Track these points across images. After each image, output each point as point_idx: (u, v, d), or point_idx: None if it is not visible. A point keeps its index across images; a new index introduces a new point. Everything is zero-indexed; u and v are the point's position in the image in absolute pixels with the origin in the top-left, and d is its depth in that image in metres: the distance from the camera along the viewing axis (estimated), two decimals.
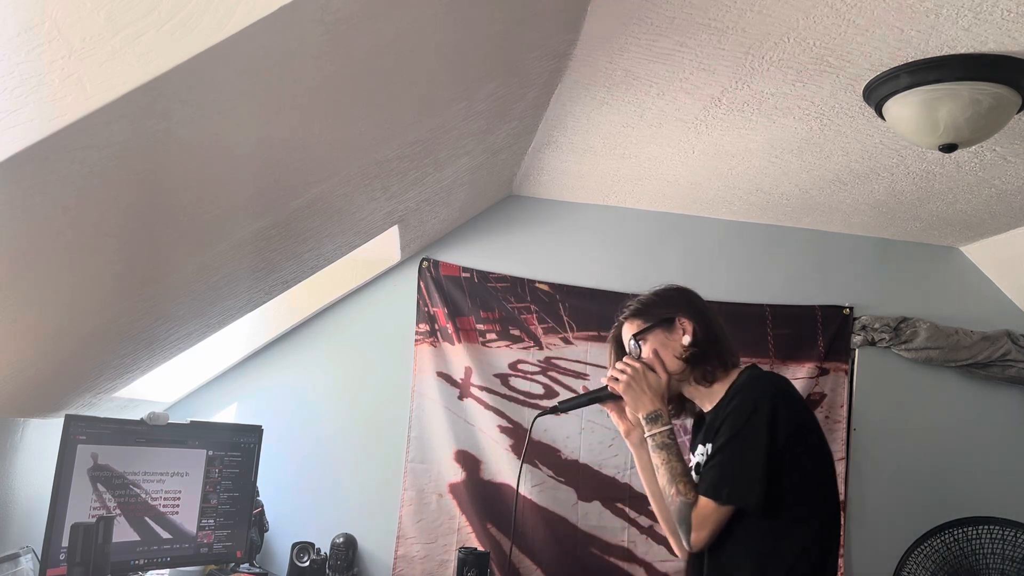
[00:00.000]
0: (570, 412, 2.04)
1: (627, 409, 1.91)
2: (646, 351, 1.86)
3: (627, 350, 1.91)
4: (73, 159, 1.11)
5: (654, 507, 1.97)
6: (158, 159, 1.28)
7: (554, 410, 1.99)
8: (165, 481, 2.34)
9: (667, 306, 1.89)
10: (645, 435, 1.81)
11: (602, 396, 1.91)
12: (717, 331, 1.86)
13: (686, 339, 1.83)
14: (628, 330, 1.92)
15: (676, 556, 1.96)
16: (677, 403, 1.92)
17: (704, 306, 1.91)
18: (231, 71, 1.13)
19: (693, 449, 1.92)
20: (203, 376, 2.93)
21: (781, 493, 1.67)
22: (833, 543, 1.74)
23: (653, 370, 1.83)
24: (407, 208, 2.49)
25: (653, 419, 1.80)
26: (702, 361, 1.82)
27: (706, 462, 1.77)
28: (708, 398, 1.85)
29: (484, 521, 2.99)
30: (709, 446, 1.80)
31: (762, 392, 1.73)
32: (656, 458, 1.78)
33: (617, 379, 1.84)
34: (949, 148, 2.01)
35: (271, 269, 2.25)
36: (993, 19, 1.69)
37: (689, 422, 2.01)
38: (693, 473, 1.83)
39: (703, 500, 1.69)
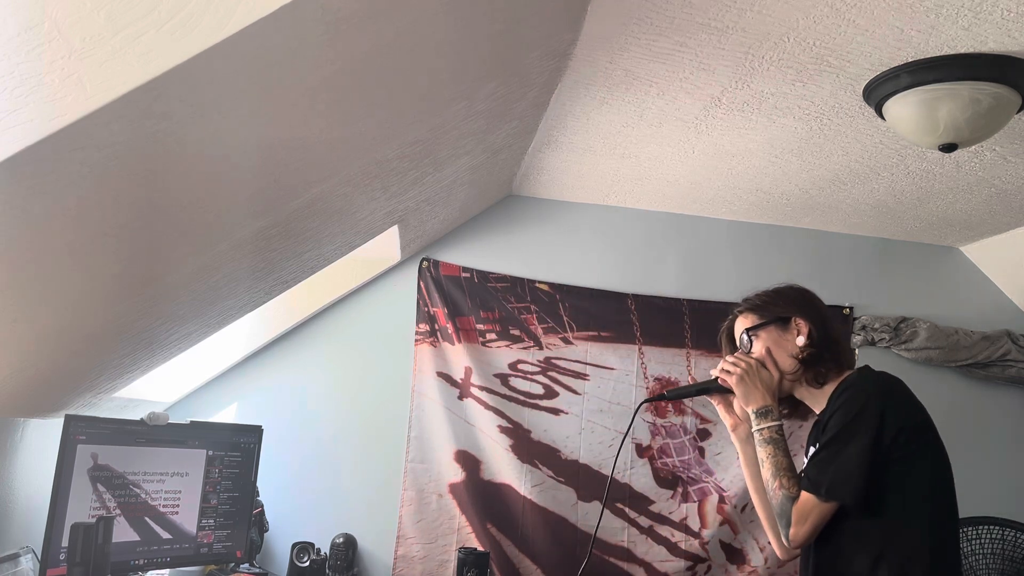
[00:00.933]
0: (670, 401, 2.03)
1: (735, 403, 1.90)
2: (758, 347, 1.84)
3: (738, 345, 1.89)
4: (73, 159, 1.11)
5: (757, 505, 1.95)
6: (158, 159, 1.28)
7: (662, 397, 1.98)
8: (165, 481, 2.34)
9: (784, 305, 1.87)
10: (753, 429, 1.78)
11: (711, 388, 1.90)
12: (833, 334, 1.84)
13: (800, 339, 1.81)
14: (741, 324, 1.90)
15: (779, 556, 1.93)
16: (788, 405, 1.89)
17: (822, 308, 1.88)
18: (231, 71, 1.13)
19: (806, 452, 1.89)
20: (203, 376, 2.93)
21: (886, 492, 1.64)
22: (949, 548, 1.70)
23: (765, 367, 1.81)
24: (407, 208, 2.49)
25: (763, 414, 1.78)
26: (816, 362, 1.79)
27: (811, 458, 1.74)
28: (819, 400, 1.82)
29: (484, 521, 2.99)
30: (815, 448, 1.77)
31: (871, 390, 1.71)
32: (762, 452, 1.76)
33: (729, 372, 1.82)
34: (949, 148, 2.01)
35: (271, 269, 2.25)
36: (993, 19, 1.69)
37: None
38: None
39: (804, 495, 1.67)
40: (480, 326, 3.10)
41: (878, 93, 2.01)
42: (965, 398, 3.30)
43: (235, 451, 2.54)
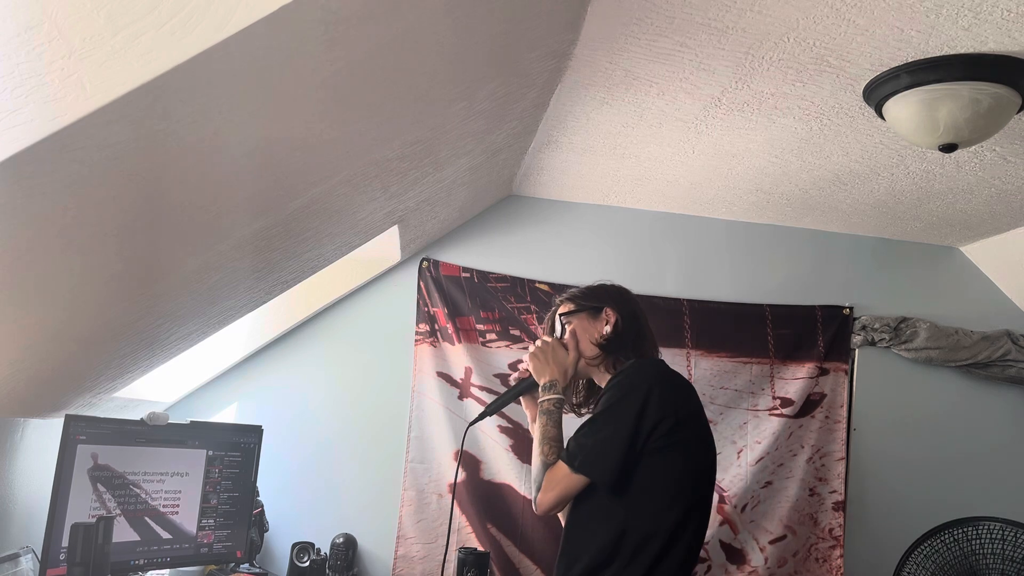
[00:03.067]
0: (492, 415, 2.10)
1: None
2: (568, 332, 1.96)
3: (555, 330, 2.02)
4: (73, 159, 1.11)
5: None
6: (158, 159, 1.28)
7: (483, 415, 2.04)
8: (165, 481, 2.34)
9: (600, 297, 1.99)
10: (538, 400, 1.89)
11: (522, 388, 1.99)
12: (641, 330, 1.97)
13: (607, 328, 1.93)
14: (560, 312, 2.03)
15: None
16: (588, 389, 2.02)
17: (634, 306, 2.01)
18: (231, 71, 1.13)
19: None
20: (203, 376, 2.93)
21: (637, 476, 1.72)
22: (694, 536, 1.77)
23: (564, 347, 1.93)
24: (407, 208, 2.49)
25: (548, 387, 1.89)
26: (615, 350, 1.92)
27: (576, 432, 1.83)
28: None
29: (484, 521, 2.99)
30: None
31: (641, 376, 1.80)
32: (538, 422, 1.86)
33: (531, 351, 1.95)
34: (949, 148, 2.01)
35: (271, 269, 2.25)
36: (993, 19, 1.69)
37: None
38: None
39: (559, 464, 1.76)
40: (480, 326, 3.10)
41: (878, 93, 2.01)
42: (965, 398, 3.30)
43: (235, 451, 2.54)
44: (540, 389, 1.89)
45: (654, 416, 1.72)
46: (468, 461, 3.03)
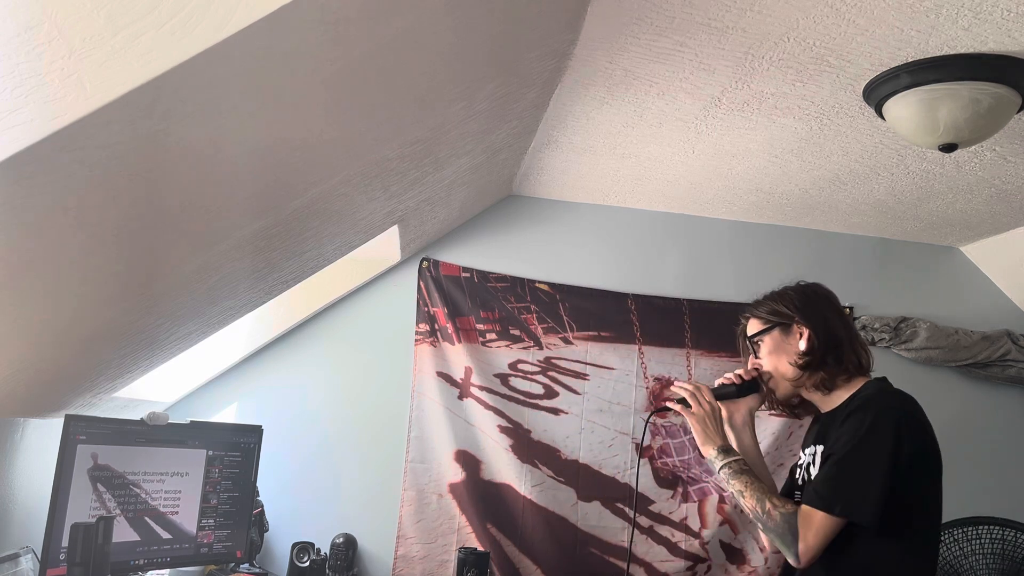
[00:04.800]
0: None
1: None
2: (763, 352, 1.84)
3: (753, 350, 1.89)
4: (73, 159, 1.11)
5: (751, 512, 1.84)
6: (158, 159, 1.28)
7: (680, 402, 1.89)
8: (165, 481, 2.34)
9: (787, 308, 1.83)
10: (719, 466, 1.77)
11: (750, 388, 1.88)
12: (838, 339, 1.79)
13: (802, 344, 1.78)
14: (748, 330, 1.90)
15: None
16: (801, 403, 1.89)
17: (827, 310, 1.84)
18: (231, 71, 1.13)
19: (804, 447, 1.89)
20: (203, 376, 2.93)
21: (898, 513, 1.62)
22: (935, 565, 1.74)
23: (714, 411, 1.82)
24: (407, 208, 2.49)
25: (724, 451, 1.78)
26: (818, 368, 1.77)
27: (819, 469, 1.71)
28: (827, 402, 1.81)
29: (484, 521, 2.98)
30: (820, 448, 1.76)
31: (888, 407, 1.68)
32: (738, 484, 1.74)
33: (692, 411, 1.82)
34: (949, 148, 2.01)
35: (271, 269, 2.25)
36: (993, 19, 1.69)
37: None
38: (801, 472, 1.81)
39: (812, 510, 1.63)
40: (480, 326, 3.10)
41: (878, 93, 2.01)
42: (965, 398, 3.30)
43: (235, 451, 2.54)
44: (715, 457, 1.77)
45: (909, 448, 1.64)
46: (468, 461, 3.02)
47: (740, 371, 1.89)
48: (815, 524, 1.62)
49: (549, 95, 2.21)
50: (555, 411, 3.09)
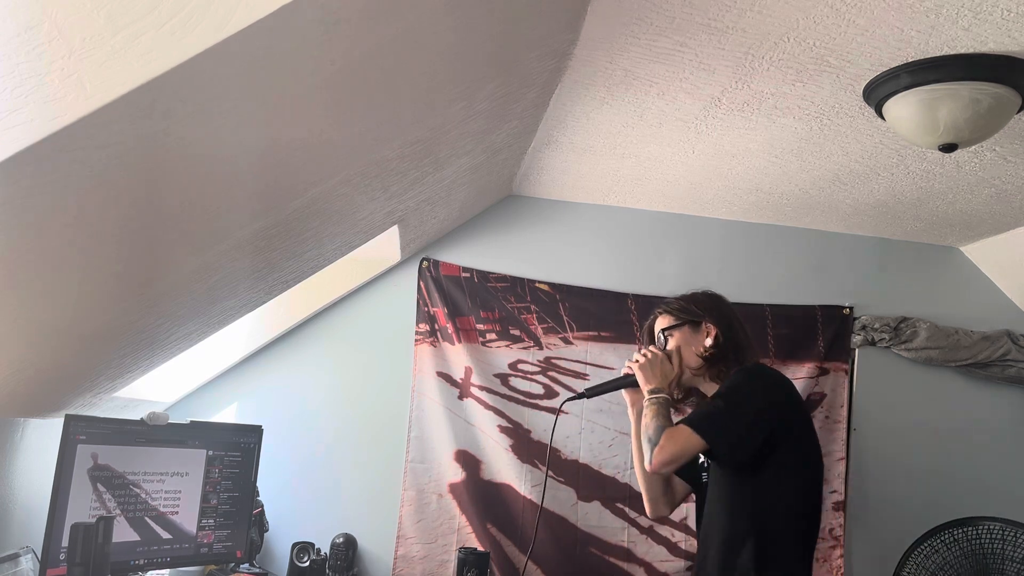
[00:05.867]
0: (589, 399, 2.18)
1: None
2: (671, 344, 2.06)
3: (656, 341, 2.12)
4: (73, 159, 1.11)
5: (637, 471, 2.15)
6: (158, 159, 1.28)
7: (581, 395, 2.16)
8: (165, 481, 2.34)
9: (698, 309, 2.09)
10: (644, 400, 1.97)
11: (626, 383, 2.09)
12: (740, 339, 2.06)
13: (708, 341, 2.03)
14: (660, 324, 2.12)
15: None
16: (695, 395, 2.11)
17: (732, 315, 2.10)
18: (231, 71, 1.13)
19: None
20: (203, 376, 2.93)
21: (764, 451, 1.84)
22: (816, 506, 1.96)
23: (670, 360, 2.03)
24: (407, 208, 2.49)
25: (655, 392, 1.98)
26: (719, 361, 2.02)
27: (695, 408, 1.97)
28: (713, 389, 2.04)
29: (484, 521, 2.98)
30: None
31: (758, 369, 1.98)
32: (649, 412, 1.93)
33: (637, 360, 2.03)
34: (949, 148, 2.01)
35: (271, 269, 2.25)
36: (993, 19, 1.69)
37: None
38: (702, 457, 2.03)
39: (679, 425, 1.85)
40: (480, 326, 3.10)
41: (878, 93, 2.01)
42: (965, 398, 3.30)
43: (235, 451, 2.54)
44: (647, 394, 1.97)
45: (776, 396, 1.90)
46: (468, 461, 3.02)
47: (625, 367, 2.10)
48: (676, 434, 1.83)
49: (549, 95, 2.21)
50: (555, 411, 3.08)
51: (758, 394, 1.89)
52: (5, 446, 2.05)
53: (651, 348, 2.06)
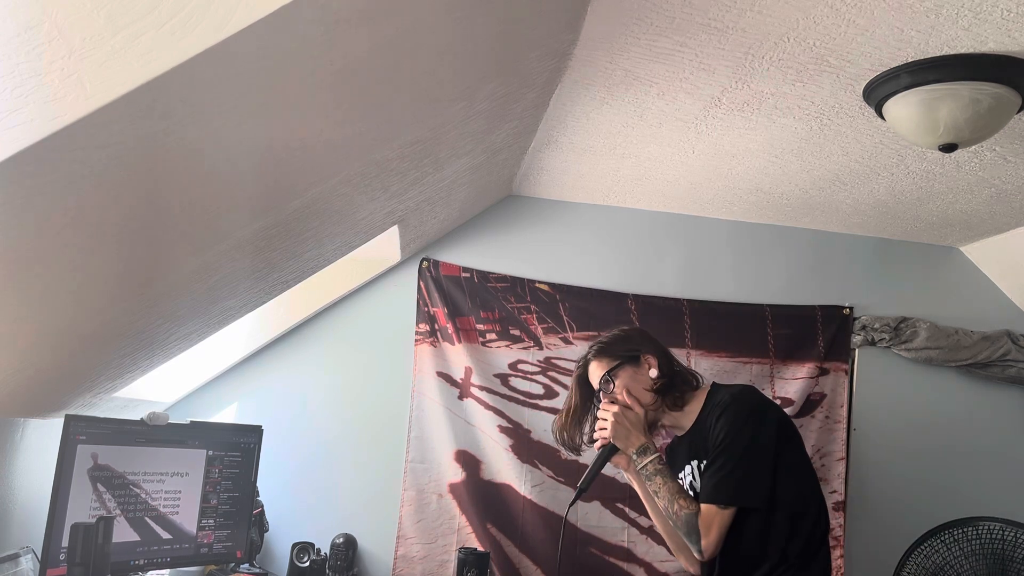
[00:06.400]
0: (587, 491, 2.12)
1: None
2: (618, 387, 2.02)
3: (596, 388, 2.06)
4: (73, 159, 1.11)
5: (661, 530, 2.13)
6: (158, 159, 1.28)
7: (580, 493, 2.09)
8: (165, 481, 2.34)
9: (630, 344, 2.07)
10: (637, 468, 1.95)
11: (607, 456, 2.05)
12: (673, 362, 2.08)
13: (653, 372, 2.02)
14: (597, 369, 2.07)
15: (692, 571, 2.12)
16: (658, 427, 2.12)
17: (658, 343, 2.11)
18: (231, 71, 1.13)
19: (680, 469, 2.06)
20: (203, 376, 2.93)
21: (778, 489, 1.84)
22: (826, 527, 1.96)
23: (629, 407, 1.99)
24: (407, 208, 2.49)
25: (642, 451, 1.95)
26: (671, 388, 2.01)
27: (702, 474, 1.91)
28: (684, 419, 2.03)
29: (484, 521, 2.98)
30: (696, 462, 1.97)
31: (746, 403, 1.93)
32: (652, 485, 1.92)
33: (604, 427, 2.00)
34: (949, 148, 2.01)
35: (271, 269, 2.25)
36: (993, 19, 1.69)
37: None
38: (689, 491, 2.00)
39: (709, 507, 1.83)
40: (480, 326, 3.10)
41: (878, 93, 2.01)
42: (965, 398, 3.30)
43: (235, 451, 2.54)
44: (635, 455, 1.95)
45: (773, 430, 1.88)
46: (468, 461, 3.02)
47: (598, 440, 2.06)
48: (714, 520, 1.81)
49: (549, 95, 2.21)
50: (555, 411, 3.08)
51: (759, 436, 1.88)
52: (5, 446, 2.05)
53: (606, 406, 2.01)
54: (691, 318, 3.20)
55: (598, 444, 2.06)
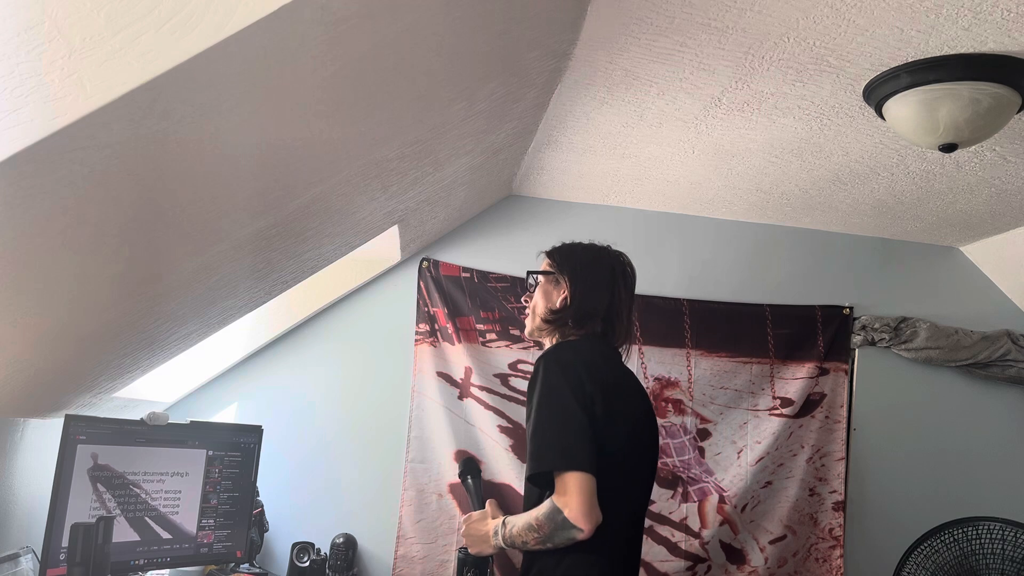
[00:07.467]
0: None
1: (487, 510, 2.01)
2: (537, 291, 1.94)
3: (527, 282, 2.00)
4: (73, 159, 1.11)
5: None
6: (158, 159, 1.28)
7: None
8: (165, 481, 2.34)
9: (566, 263, 1.91)
10: (506, 545, 1.82)
11: (490, 552, 1.96)
12: (595, 309, 1.85)
13: (558, 302, 1.87)
14: (540, 262, 1.99)
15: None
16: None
17: (603, 281, 1.89)
18: (231, 71, 1.13)
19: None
20: (203, 376, 2.93)
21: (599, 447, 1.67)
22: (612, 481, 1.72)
23: (481, 518, 1.93)
24: (407, 208, 2.49)
25: (496, 535, 1.84)
26: (558, 325, 1.86)
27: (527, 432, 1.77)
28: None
29: None
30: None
31: (555, 357, 1.75)
32: (520, 539, 1.76)
33: (465, 539, 1.92)
34: (949, 148, 2.01)
35: (271, 269, 2.25)
36: (993, 19, 1.69)
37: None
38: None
39: (558, 480, 1.65)
40: (480, 326, 3.10)
41: (878, 93, 2.01)
42: (965, 398, 3.30)
43: (235, 451, 2.54)
44: (496, 542, 1.83)
45: (588, 386, 1.69)
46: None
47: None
48: (566, 487, 1.62)
49: (549, 95, 2.21)
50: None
51: (564, 390, 1.68)
52: (5, 446, 2.05)
53: (461, 521, 1.96)
54: (691, 318, 3.20)
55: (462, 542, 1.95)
